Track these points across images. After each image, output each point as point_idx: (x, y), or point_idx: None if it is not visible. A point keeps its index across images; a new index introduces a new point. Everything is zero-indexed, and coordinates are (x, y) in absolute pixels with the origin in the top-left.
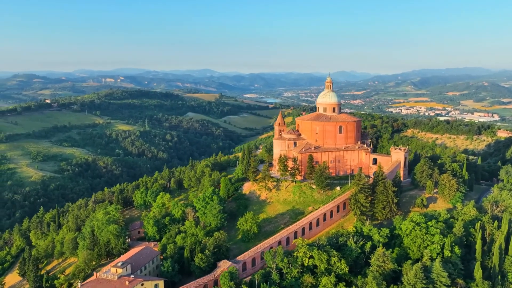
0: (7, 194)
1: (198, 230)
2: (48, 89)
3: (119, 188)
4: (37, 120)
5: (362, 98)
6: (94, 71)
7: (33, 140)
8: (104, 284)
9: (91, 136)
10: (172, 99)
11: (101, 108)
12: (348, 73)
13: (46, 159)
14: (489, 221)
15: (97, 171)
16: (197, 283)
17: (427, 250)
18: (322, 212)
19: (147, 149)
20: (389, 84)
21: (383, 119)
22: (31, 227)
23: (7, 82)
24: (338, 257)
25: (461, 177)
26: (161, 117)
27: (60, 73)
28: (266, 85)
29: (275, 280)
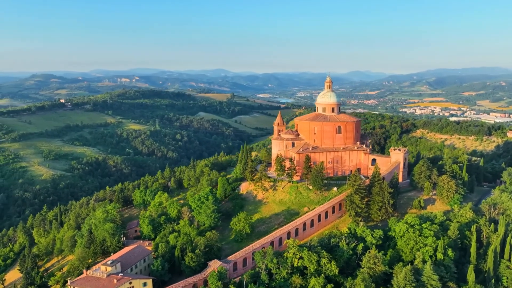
0: (18, 192)
1: (190, 230)
2: (64, 88)
3: (120, 187)
4: (50, 119)
5: (376, 98)
6: (110, 71)
7: (46, 139)
8: (93, 282)
9: (102, 136)
10: (183, 99)
11: (113, 108)
12: (363, 73)
13: (57, 157)
14: (486, 224)
15: (106, 170)
16: (186, 282)
17: (419, 252)
18: (317, 213)
19: (157, 149)
20: (404, 84)
21: (392, 119)
22: (34, 225)
23: (25, 82)
24: (328, 258)
25: (460, 179)
26: (172, 117)
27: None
28: (280, 85)
29: (263, 281)
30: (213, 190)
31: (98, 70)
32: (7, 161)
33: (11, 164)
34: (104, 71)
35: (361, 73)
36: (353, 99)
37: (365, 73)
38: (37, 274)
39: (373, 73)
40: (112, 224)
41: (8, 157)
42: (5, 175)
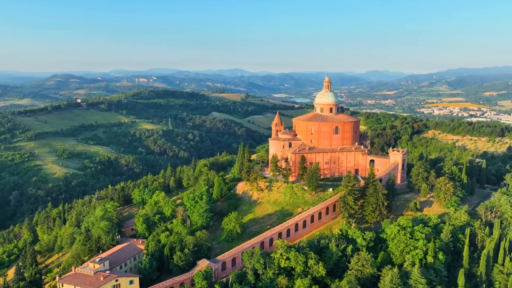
0: (31, 189)
1: (181, 229)
2: (83, 88)
3: (121, 185)
4: (65, 119)
5: (393, 98)
6: (129, 71)
7: (61, 138)
8: (81, 279)
9: (115, 135)
10: (197, 98)
11: (128, 108)
12: (381, 73)
13: (71, 156)
14: (481, 227)
15: (118, 169)
16: (174, 281)
17: (409, 255)
18: (309, 214)
19: (169, 148)
20: (422, 84)
21: (406, 119)
22: (39, 222)
23: (46, 82)
24: (315, 259)
25: (459, 181)
26: (185, 117)
27: (96, 73)
28: (296, 85)
29: (250, 281)
30: (210, 190)
31: (117, 71)
32: (23, 159)
33: (26, 163)
34: (123, 71)
35: (379, 73)
36: (370, 99)
37: (384, 73)
38: (34, 270)
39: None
40: (107, 222)
41: (24, 156)
42: (20, 173)
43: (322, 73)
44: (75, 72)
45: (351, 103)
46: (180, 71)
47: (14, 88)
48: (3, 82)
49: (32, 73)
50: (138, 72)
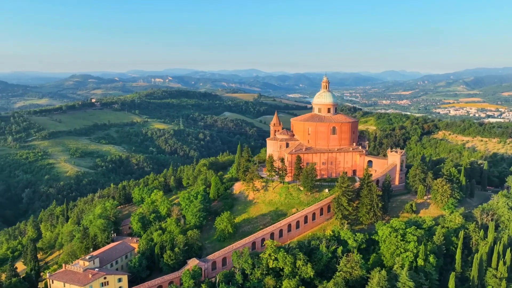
0: (43, 187)
1: (174, 228)
2: (100, 89)
3: (123, 184)
4: (79, 118)
5: (409, 98)
6: (146, 71)
7: (74, 137)
8: (70, 276)
9: (128, 134)
10: (210, 98)
11: (141, 108)
12: (397, 73)
13: (83, 155)
14: (475, 230)
15: (129, 168)
16: (163, 280)
17: (399, 258)
18: (303, 215)
19: (179, 148)
20: (439, 84)
21: (417, 120)
22: (43, 219)
23: (65, 82)
24: (304, 260)
25: (458, 183)
26: (197, 116)
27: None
28: (311, 85)
29: (237, 281)
30: (207, 189)
31: (134, 71)
32: (36, 157)
33: (40, 161)
34: (140, 71)
35: (395, 73)
36: (385, 99)
37: (400, 73)
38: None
39: (408, 72)
40: (103, 220)
41: (38, 154)
42: (33, 171)
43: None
44: (93, 72)
45: (366, 103)
46: (195, 71)
47: (34, 88)
48: (24, 83)
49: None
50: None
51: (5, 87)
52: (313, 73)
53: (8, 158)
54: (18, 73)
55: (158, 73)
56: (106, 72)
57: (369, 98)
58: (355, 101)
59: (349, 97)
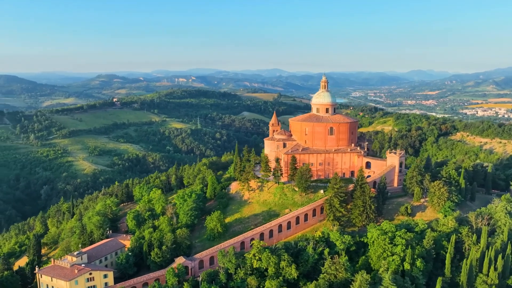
0: (61, 184)
1: (164, 226)
2: (124, 88)
3: (126, 182)
4: (100, 117)
5: (435, 98)
6: (170, 71)
7: (93, 135)
8: (57, 271)
9: (146, 133)
10: (229, 98)
11: (160, 107)
12: (424, 72)
13: (101, 153)
14: (468, 234)
15: (145, 166)
16: (148, 277)
17: (385, 261)
18: (294, 215)
19: (196, 147)
20: (468, 83)
21: (437, 120)
22: (51, 215)
23: (91, 82)
24: (288, 261)
25: (457, 185)
26: (215, 116)
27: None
28: (335, 85)
29: (221, 280)
30: (204, 188)
31: (159, 71)
32: (56, 155)
33: (59, 159)
34: (164, 71)
35: (422, 72)
36: (410, 99)
37: (427, 72)
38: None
39: (436, 72)
40: (99, 217)
41: (58, 152)
42: (53, 168)
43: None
44: (119, 72)
45: (390, 103)
46: (219, 71)
47: (61, 88)
48: (52, 82)
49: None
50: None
51: (34, 87)
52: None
53: (30, 155)
54: (47, 73)
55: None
56: (131, 72)
57: (394, 98)
58: (379, 101)
59: (373, 97)
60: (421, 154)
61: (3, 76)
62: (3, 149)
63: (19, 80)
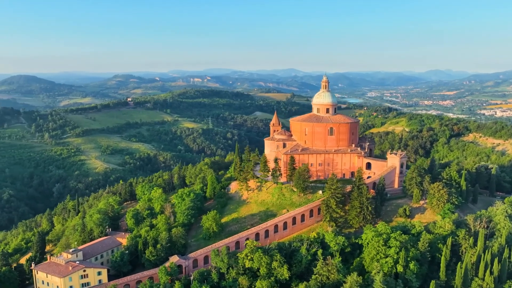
0: (73, 182)
1: (161, 225)
2: (140, 88)
3: (130, 181)
4: (113, 116)
5: (453, 98)
6: (186, 71)
7: (106, 135)
8: (53, 267)
9: (158, 133)
10: (242, 98)
11: (173, 107)
12: (443, 72)
13: (113, 152)
14: (465, 237)
15: (156, 166)
16: (142, 275)
17: (377, 263)
18: (291, 216)
19: (207, 147)
20: (487, 83)
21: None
22: (57, 213)
23: (108, 82)
24: (280, 261)
25: (458, 187)
26: (227, 116)
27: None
28: (350, 85)
29: (213, 280)
30: (204, 188)
31: (175, 71)
32: (69, 154)
33: (72, 157)
34: (180, 71)
35: (440, 72)
36: (427, 99)
37: (445, 72)
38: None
39: (454, 72)
40: (99, 215)
41: (71, 151)
42: (65, 166)
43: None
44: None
45: (406, 103)
46: (234, 71)
47: (78, 88)
48: (70, 82)
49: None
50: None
51: (52, 87)
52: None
53: (44, 154)
54: (66, 73)
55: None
56: (148, 72)
57: (410, 99)
58: (395, 101)
59: (389, 97)
60: (431, 155)
61: (23, 76)
62: (18, 148)
63: (38, 80)
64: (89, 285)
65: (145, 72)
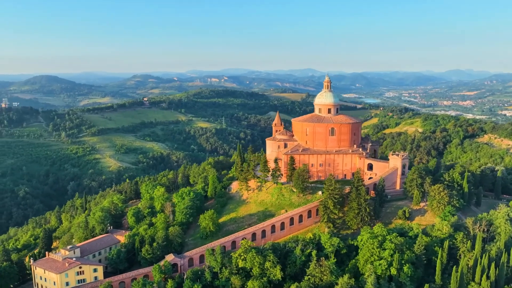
0: (86, 181)
1: (159, 223)
2: (158, 88)
3: (135, 180)
4: (128, 116)
5: (473, 99)
6: (203, 71)
7: (121, 134)
8: (50, 263)
9: (172, 132)
10: (256, 98)
11: (187, 107)
12: (463, 72)
13: (127, 151)
14: (463, 241)
15: (169, 165)
16: (138, 272)
17: (370, 265)
18: (288, 216)
19: (220, 146)
20: (509, 83)
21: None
22: (65, 210)
23: (127, 82)
24: (273, 262)
25: (459, 189)
26: (241, 116)
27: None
28: (368, 85)
29: (206, 279)
30: (206, 187)
31: (192, 71)
32: (84, 152)
33: (87, 156)
34: (198, 71)
35: (461, 72)
36: (446, 100)
37: (466, 72)
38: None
39: (476, 72)
40: (101, 213)
41: (86, 149)
42: (80, 165)
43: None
44: (154, 72)
45: (424, 103)
46: (251, 71)
47: (98, 88)
48: (90, 82)
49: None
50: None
51: (73, 87)
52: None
53: (60, 152)
54: (87, 73)
55: (215, 73)
56: (166, 72)
57: (429, 99)
58: (413, 101)
59: (407, 97)
60: (444, 156)
61: (45, 77)
62: (36, 146)
63: (59, 80)
64: (85, 281)
65: (164, 72)
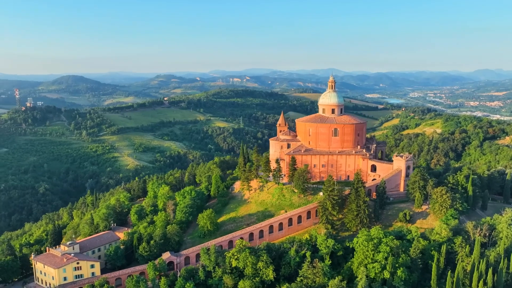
0: (104, 178)
1: (159, 221)
2: (180, 88)
3: (144, 179)
4: (148, 115)
5: (502, 99)
6: (226, 71)
7: (140, 133)
8: (50, 258)
9: (190, 132)
10: (275, 98)
11: (206, 106)
12: (492, 72)
13: (145, 150)
14: (462, 245)
15: (186, 164)
16: (134, 269)
17: (364, 268)
18: (287, 217)
19: (236, 146)
20: None
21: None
22: (77, 207)
23: (150, 82)
24: (266, 262)
25: (463, 192)
26: (259, 116)
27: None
28: (392, 85)
29: (200, 278)
30: (209, 186)
31: (215, 71)
32: (104, 151)
33: (106, 154)
34: (221, 71)
35: (490, 72)
36: (473, 100)
37: (495, 72)
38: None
39: (505, 71)
40: (105, 210)
41: (105, 148)
42: (99, 163)
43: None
44: (178, 72)
45: (450, 104)
46: (274, 71)
47: (122, 88)
48: (115, 82)
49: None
50: (234, 72)
51: (98, 86)
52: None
53: (81, 150)
54: (112, 73)
55: (238, 73)
56: (189, 72)
57: (455, 99)
58: (438, 102)
59: (432, 97)
60: (463, 158)
61: (71, 77)
62: (57, 144)
63: (85, 80)
64: (82, 277)
65: (187, 72)
